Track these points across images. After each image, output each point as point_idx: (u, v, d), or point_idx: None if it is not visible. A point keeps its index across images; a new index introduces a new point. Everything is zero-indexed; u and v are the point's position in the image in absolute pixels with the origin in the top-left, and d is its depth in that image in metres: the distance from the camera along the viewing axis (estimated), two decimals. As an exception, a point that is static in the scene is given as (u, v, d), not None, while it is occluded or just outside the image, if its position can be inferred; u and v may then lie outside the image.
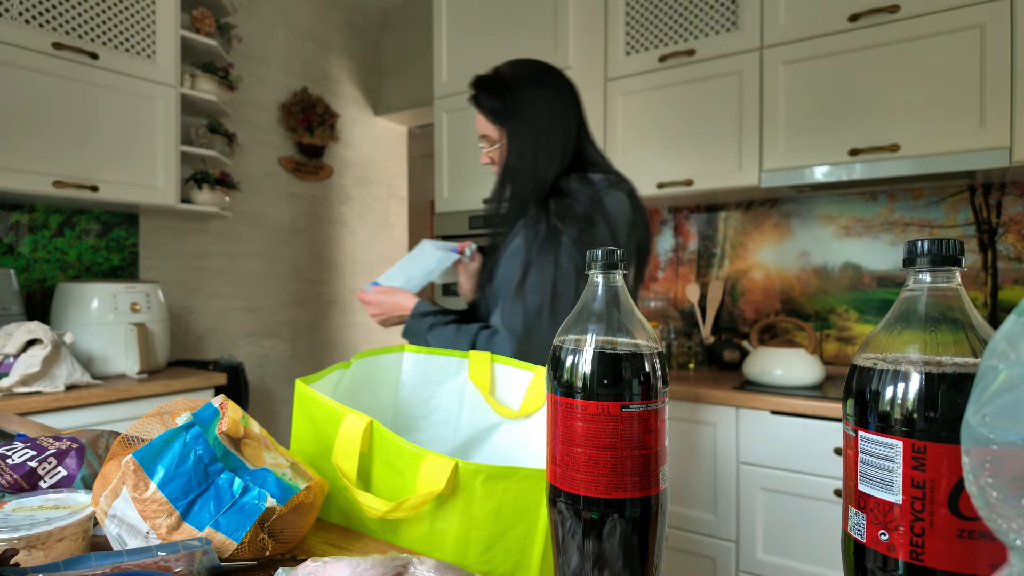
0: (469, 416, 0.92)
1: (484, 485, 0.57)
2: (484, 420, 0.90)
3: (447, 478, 0.57)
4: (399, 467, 0.62)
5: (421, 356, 0.93)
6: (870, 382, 0.36)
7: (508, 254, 1.14)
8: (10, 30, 1.81)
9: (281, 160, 3.11)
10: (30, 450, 0.67)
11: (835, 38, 1.85)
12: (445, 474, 0.57)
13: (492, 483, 0.57)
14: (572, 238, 1.07)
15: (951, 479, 0.33)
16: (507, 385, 0.89)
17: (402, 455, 0.61)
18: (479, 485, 0.57)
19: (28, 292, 2.14)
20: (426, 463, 0.58)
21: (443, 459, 0.57)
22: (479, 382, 0.89)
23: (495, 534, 0.59)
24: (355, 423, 0.64)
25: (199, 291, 2.73)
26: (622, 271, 0.48)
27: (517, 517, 0.59)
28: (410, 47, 3.50)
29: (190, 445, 0.55)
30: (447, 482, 0.57)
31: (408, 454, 0.60)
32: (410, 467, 0.60)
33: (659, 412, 0.45)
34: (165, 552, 0.48)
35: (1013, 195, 1.89)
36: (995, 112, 1.63)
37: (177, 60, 2.21)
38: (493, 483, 0.57)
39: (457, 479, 0.58)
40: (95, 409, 1.79)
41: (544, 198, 1.13)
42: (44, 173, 1.89)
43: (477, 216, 2.37)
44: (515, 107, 1.15)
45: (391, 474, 0.63)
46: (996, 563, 0.32)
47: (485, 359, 0.90)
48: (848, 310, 2.13)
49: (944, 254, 0.36)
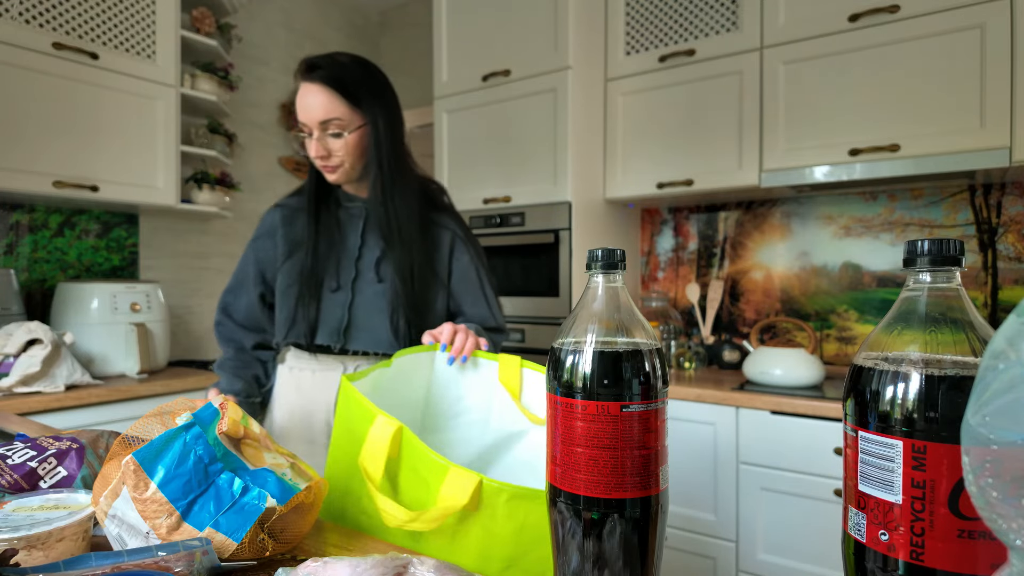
0: (498, 420, 0.91)
1: (507, 504, 0.56)
2: (513, 425, 0.90)
3: (471, 494, 0.56)
4: (424, 475, 0.61)
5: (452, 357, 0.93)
6: (870, 382, 0.36)
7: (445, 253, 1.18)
8: (10, 30, 1.81)
9: (281, 160, 3.11)
10: (30, 450, 0.67)
11: (835, 38, 1.85)
12: (469, 489, 0.56)
13: (515, 503, 0.56)
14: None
15: (951, 479, 0.33)
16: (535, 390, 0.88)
17: (427, 464, 0.60)
18: (502, 504, 0.56)
19: (28, 292, 2.14)
20: (450, 476, 0.57)
21: (468, 474, 0.57)
22: (509, 385, 0.89)
23: (516, 554, 0.58)
24: (385, 426, 0.63)
25: (199, 291, 2.73)
26: (622, 271, 0.48)
27: (539, 539, 0.57)
28: (410, 47, 3.50)
29: (190, 445, 0.55)
30: (470, 498, 0.56)
31: (433, 464, 0.59)
32: (435, 477, 0.59)
33: (659, 412, 0.45)
34: (165, 552, 0.48)
35: (1013, 195, 1.89)
36: (995, 112, 1.63)
37: (177, 60, 2.21)
38: (516, 503, 0.56)
39: (480, 496, 0.56)
40: (95, 409, 1.79)
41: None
42: (44, 173, 1.89)
43: (477, 216, 2.37)
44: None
45: (417, 482, 0.62)
46: (996, 563, 0.32)
47: (515, 363, 0.90)
48: (848, 310, 2.13)
49: (944, 254, 0.36)
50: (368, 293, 1.13)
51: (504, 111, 2.32)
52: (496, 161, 2.35)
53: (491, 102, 2.35)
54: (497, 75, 2.31)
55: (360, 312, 1.12)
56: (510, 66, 2.28)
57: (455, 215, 1.21)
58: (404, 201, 1.11)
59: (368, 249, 1.15)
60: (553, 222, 2.16)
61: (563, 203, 2.14)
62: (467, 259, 1.17)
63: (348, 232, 1.17)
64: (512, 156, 2.30)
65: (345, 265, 1.15)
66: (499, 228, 2.30)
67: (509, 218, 2.28)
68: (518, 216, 2.26)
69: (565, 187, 2.14)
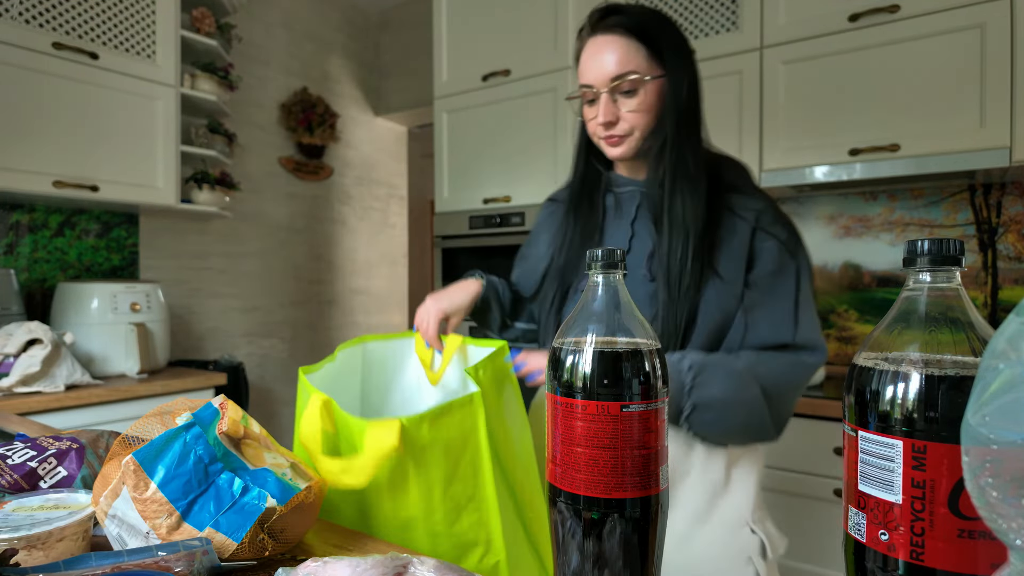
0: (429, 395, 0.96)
1: (430, 428, 0.63)
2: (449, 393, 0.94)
3: (396, 435, 0.61)
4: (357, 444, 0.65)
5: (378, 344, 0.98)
6: (870, 382, 0.36)
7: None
8: (10, 30, 1.81)
9: (281, 160, 3.11)
10: (30, 450, 0.67)
11: (835, 38, 1.85)
12: (394, 433, 0.61)
13: (435, 422, 0.64)
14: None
15: (951, 479, 0.33)
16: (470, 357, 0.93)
17: (352, 429, 0.65)
18: (426, 431, 0.63)
19: (28, 292, 2.14)
20: (370, 428, 0.62)
21: (388, 422, 0.62)
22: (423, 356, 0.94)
23: (448, 469, 0.65)
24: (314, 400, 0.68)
25: (199, 291, 2.73)
26: (622, 271, 0.48)
27: (462, 445, 0.65)
28: (410, 47, 3.50)
29: (190, 445, 0.55)
30: (398, 439, 0.61)
31: (356, 425, 0.65)
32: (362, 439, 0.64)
33: (659, 412, 0.45)
34: (165, 552, 0.48)
35: (1013, 195, 1.89)
36: (995, 112, 1.63)
37: (177, 60, 2.21)
38: (436, 422, 0.64)
39: (405, 434, 0.62)
40: (95, 409, 1.79)
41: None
42: (44, 173, 1.89)
43: (477, 216, 2.37)
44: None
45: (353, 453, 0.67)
46: (996, 563, 0.32)
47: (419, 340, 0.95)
48: (848, 310, 2.13)
49: (944, 254, 0.36)
50: (638, 295, 0.91)
51: (504, 111, 2.32)
52: (496, 161, 2.35)
53: (491, 102, 2.35)
54: (497, 75, 2.31)
55: None
56: (510, 66, 2.28)
57: (761, 199, 0.92)
58: (690, 181, 0.89)
59: (639, 241, 0.95)
60: (553, 222, 2.16)
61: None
62: (769, 255, 0.88)
63: (616, 222, 0.98)
64: (512, 156, 2.30)
65: None
66: (499, 228, 2.30)
67: (509, 218, 2.28)
68: (518, 216, 2.26)
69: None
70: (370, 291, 3.64)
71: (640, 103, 0.89)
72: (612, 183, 1.00)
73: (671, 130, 0.89)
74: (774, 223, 0.90)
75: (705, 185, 0.89)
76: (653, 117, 0.90)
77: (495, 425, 0.69)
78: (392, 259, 3.82)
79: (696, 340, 0.88)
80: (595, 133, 0.94)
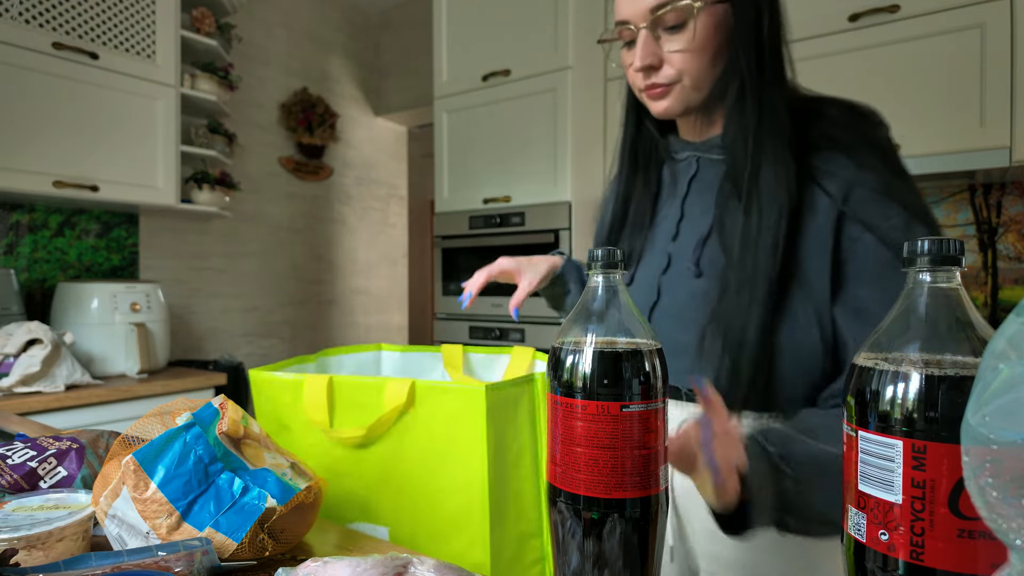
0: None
1: (436, 397, 0.70)
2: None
3: (407, 392, 0.70)
4: (363, 402, 0.73)
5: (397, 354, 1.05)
6: (870, 382, 0.36)
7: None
8: (10, 30, 1.81)
9: (281, 160, 3.11)
10: (30, 450, 0.67)
11: (835, 38, 1.85)
12: (404, 390, 0.70)
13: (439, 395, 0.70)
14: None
15: (951, 479, 0.33)
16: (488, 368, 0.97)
17: (366, 390, 0.73)
18: (433, 399, 0.70)
19: (28, 292, 2.14)
20: (389, 386, 0.71)
21: (402, 380, 0.71)
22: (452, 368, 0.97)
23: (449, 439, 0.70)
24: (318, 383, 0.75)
25: (199, 291, 2.73)
26: (621, 271, 0.48)
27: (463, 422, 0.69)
28: (410, 47, 3.50)
29: (190, 445, 0.55)
30: (407, 395, 0.70)
31: (372, 386, 0.73)
32: (374, 398, 0.72)
33: (659, 412, 0.45)
34: (165, 552, 0.48)
35: (1013, 195, 1.89)
36: (995, 112, 1.63)
37: (177, 60, 2.21)
38: (440, 395, 0.70)
39: (415, 393, 0.71)
40: (95, 409, 1.79)
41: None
42: (44, 173, 1.89)
43: (477, 216, 2.37)
44: None
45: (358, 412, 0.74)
46: (996, 563, 0.32)
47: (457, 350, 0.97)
48: (848, 310, 2.13)
49: (944, 254, 0.36)
50: (680, 294, 0.71)
51: (504, 111, 2.32)
52: (496, 161, 2.35)
53: (491, 102, 2.35)
54: (497, 75, 2.31)
55: (663, 323, 0.71)
56: (510, 66, 2.28)
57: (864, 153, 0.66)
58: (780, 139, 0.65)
59: (689, 225, 0.73)
60: (553, 222, 2.16)
61: (563, 203, 2.14)
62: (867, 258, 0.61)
63: (670, 201, 0.77)
64: (512, 156, 2.30)
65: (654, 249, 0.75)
66: (499, 228, 2.30)
67: (509, 218, 2.28)
68: (518, 216, 2.26)
69: (565, 187, 2.14)
70: (370, 291, 3.64)
71: (689, 40, 0.66)
72: (671, 148, 0.78)
73: (749, 71, 0.67)
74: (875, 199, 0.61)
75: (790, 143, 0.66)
76: (708, 59, 0.68)
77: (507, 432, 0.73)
78: (392, 259, 3.82)
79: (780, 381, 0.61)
80: (635, 83, 0.72)
